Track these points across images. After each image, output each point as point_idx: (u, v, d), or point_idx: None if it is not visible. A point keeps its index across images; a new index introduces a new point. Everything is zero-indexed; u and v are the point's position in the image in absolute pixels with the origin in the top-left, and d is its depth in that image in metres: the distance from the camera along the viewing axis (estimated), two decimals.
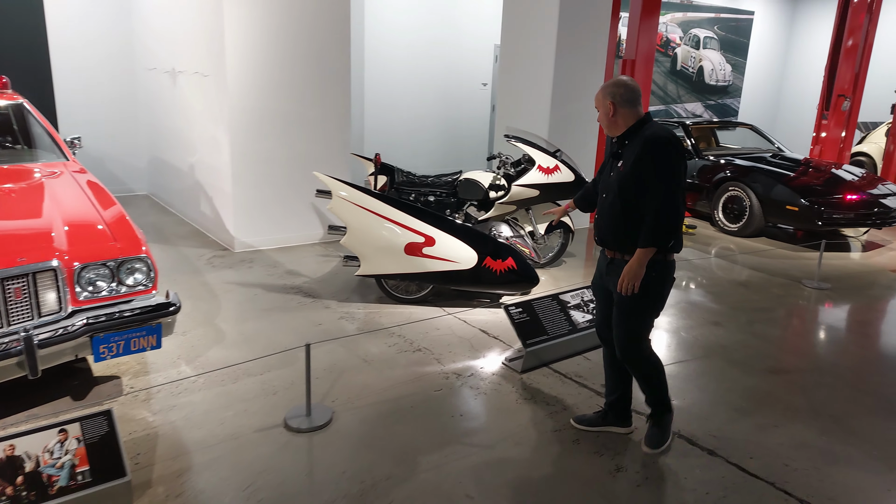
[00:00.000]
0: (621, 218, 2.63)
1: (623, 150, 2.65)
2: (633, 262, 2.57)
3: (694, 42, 13.60)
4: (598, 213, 2.80)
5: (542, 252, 5.62)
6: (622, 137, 2.66)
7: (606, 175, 2.76)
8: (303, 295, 4.71)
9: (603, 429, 3.03)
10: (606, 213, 2.71)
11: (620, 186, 2.60)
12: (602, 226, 2.75)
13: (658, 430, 2.91)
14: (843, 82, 8.61)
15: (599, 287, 2.91)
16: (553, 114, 6.66)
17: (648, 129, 2.58)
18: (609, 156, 2.77)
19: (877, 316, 4.93)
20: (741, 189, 7.07)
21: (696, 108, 14.09)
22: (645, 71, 7.36)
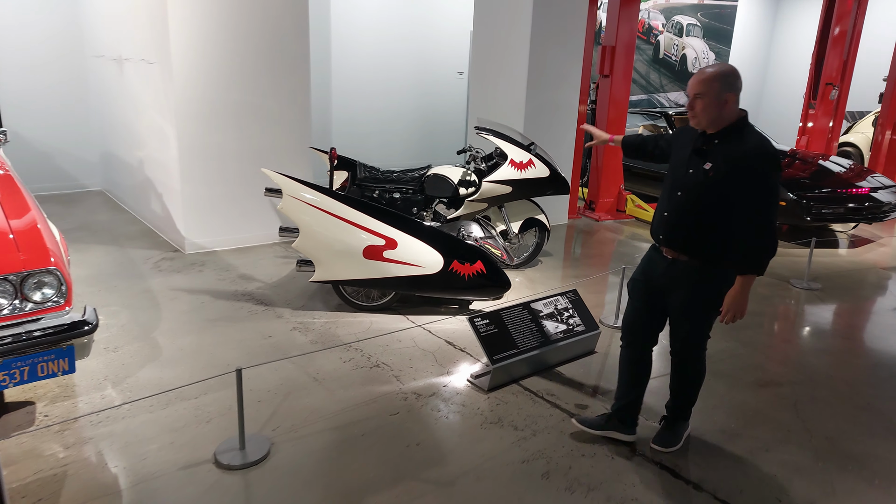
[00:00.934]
0: (697, 222, 2.44)
1: (711, 149, 2.42)
2: (738, 294, 2.41)
3: (677, 29, 13.28)
4: (664, 208, 2.57)
5: (515, 252, 5.28)
6: (713, 135, 2.42)
7: (682, 171, 2.50)
8: (255, 302, 4.32)
9: (604, 433, 2.83)
10: (679, 213, 2.50)
11: (705, 191, 2.40)
12: (671, 225, 2.53)
13: (671, 434, 2.81)
14: (831, 70, 8.34)
15: (643, 284, 2.71)
16: (529, 104, 6.29)
17: (753, 137, 2.36)
18: (689, 148, 2.49)
19: (869, 319, 4.65)
20: None
21: (679, 98, 13.80)
22: (625, 59, 7.02)
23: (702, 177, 2.41)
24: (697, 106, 2.39)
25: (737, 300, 2.41)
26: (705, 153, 2.42)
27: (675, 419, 2.83)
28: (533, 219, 5.16)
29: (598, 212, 7.39)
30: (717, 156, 2.38)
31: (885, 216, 6.28)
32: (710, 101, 2.36)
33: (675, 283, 2.55)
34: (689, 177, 2.46)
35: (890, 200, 6.31)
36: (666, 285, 2.59)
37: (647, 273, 2.69)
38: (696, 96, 2.38)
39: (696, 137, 2.48)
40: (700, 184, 2.42)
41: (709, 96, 2.35)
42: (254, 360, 3.50)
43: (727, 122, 2.39)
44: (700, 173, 2.41)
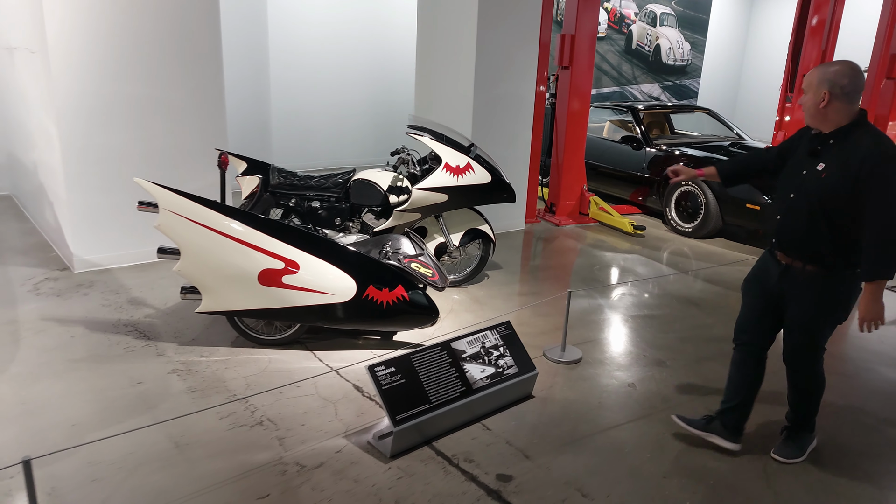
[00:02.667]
0: (811, 226, 2.38)
1: (825, 149, 2.36)
2: (869, 301, 2.34)
3: (650, 18, 12.71)
4: (776, 213, 2.53)
5: (458, 267, 4.65)
6: (827, 136, 2.36)
7: (795, 173, 2.45)
8: (136, 335, 3.64)
9: (705, 434, 2.76)
10: (792, 216, 2.44)
11: (821, 195, 2.33)
12: (785, 229, 2.48)
13: (794, 445, 2.75)
14: (809, 61, 7.80)
15: (756, 285, 2.67)
16: (478, 98, 5.65)
17: (870, 138, 2.27)
18: (802, 150, 2.45)
19: (850, 344, 4.10)
20: (695, 184, 6.20)
21: (652, 90, 13.25)
22: (587, 48, 6.40)
23: (815, 179, 2.35)
24: (804, 103, 2.37)
25: (870, 307, 2.34)
26: (819, 154, 2.37)
27: (798, 430, 2.76)
28: (475, 229, 4.53)
29: (559, 215, 6.79)
30: (832, 156, 2.33)
31: None
32: (811, 97, 2.33)
33: (791, 290, 2.51)
34: (802, 178, 2.40)
35: None
36: (781, 292, 2.54)
37: (762, 276, 2.64)
38: (804, 92, 2.37)
39: (812, 138, 2.43)
40: (813, 186, 2.35)
41: (811, 93, 2.33)
42: (108, 417, 2.83)
43: (842, 121, 2.32)
44: (813, 175, 2.36)
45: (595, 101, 12.26)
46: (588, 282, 4.99)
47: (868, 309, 2.35)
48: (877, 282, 2.32)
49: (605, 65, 12.37)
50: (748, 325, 2.70)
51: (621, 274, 5.19)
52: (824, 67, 2.32)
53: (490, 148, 5.85)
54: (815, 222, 2.37)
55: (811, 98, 2.35)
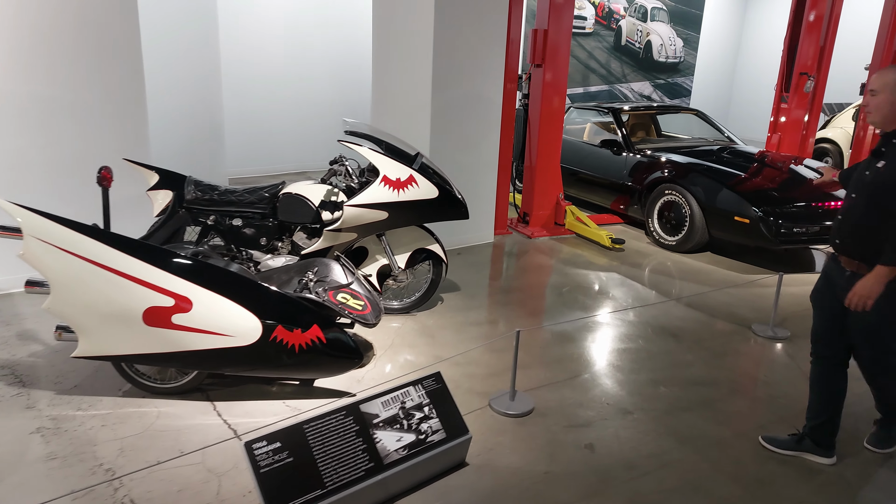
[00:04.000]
0: (869, 224, 2.41)
1: (888, 148, 2.39)
2: (869, 278, 2.37)
3: (640, 13, 12.15)
4: (841, 211, 2.54)
5: (405, 291, 4.11)
6: (890, 134, 2.40)
7: (860, 172, 2.49)
8: (10, 380, 3.09)
9: (796, 454, 2.76)
10: (853, 217, 2.47)
11: (876, 190, 2.37)
12: (845, 230, 2.50)
13: (886, 434, 2.78)
14: (806, 59, 7.26)
15: (822, 295, 2.68)
16: (436, 99, 5.09)
17: None
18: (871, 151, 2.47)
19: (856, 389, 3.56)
20: (679, 194, 5.65)
21: (644, 88, 12.70)
22: (562, 44, 5.84)
23: (874, 175, 2.38)
24: (872, 102, 2.40)
25: (866, 286, 2.36)
26: (881, 153, 2.40)
27: (890, 420, 2.75)
28: (424, 249, 3.99)
29: (533, 226, 6.24)
30: (893, 155, 2.35)
31: None
32: (886, 98, 2.35)
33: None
34: (864, 178, 2.43)
35: None
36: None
37: (829, 284, 2.63)
38: (872, 92, 2.39)
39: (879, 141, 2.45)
40: (872, 183, 2.38)
41: (885, 93, 2.35)
42: None
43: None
44: (874, 172, 2.39)
45: (583, 100, 11.70)
46: (555, 308, 4.44)
47: (866, 286, 2.36)
48: (888, 268, 2.32)
49: (593, 62, 11.81)
50: (824, 336, 2.67)
51: (593, 298, 4.65)
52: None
53: (452, 154, 5.30)
54: (870, 220, 2.38)
55: (887, 98, 2.35)
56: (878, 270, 2.34)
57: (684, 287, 4.89)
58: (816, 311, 2.72)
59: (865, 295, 2.37)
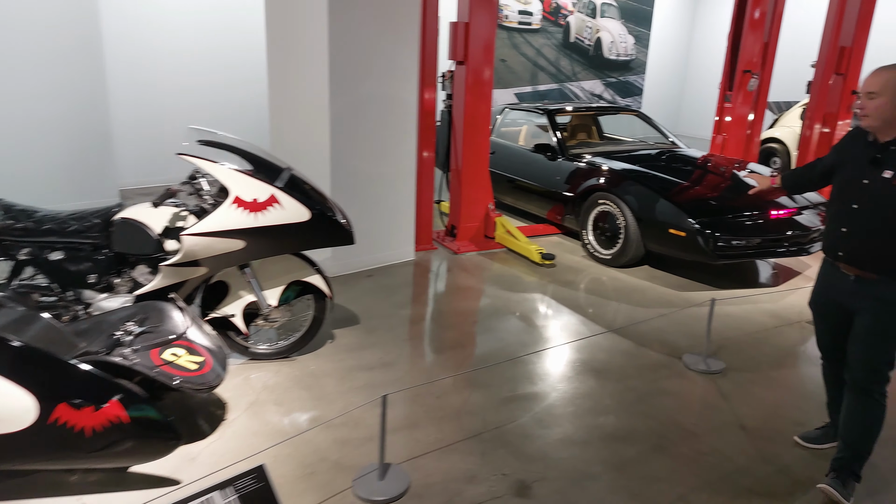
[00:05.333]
0: (885, 236, 2.31)
1: (887, 156, 2.28)
2: None
3: (590, 9, 11.71)
4: (840, 223, 2.43)
5: (281, 334, 3.50)
6: (889, 142, 2.29)
7: (856, 182, 2.37)
8: None
9: (831, 446, 2.77)
10: (864, 229, 2.36)
11: (890, 201, 2.26)
12: (852, 243, 2.40)
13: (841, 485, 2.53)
14: (750, 56, 6.86)
15: (825, 304, 2.62)
16: (336, 102, 4.48)
17: None
18: (862, 158, 2.36)
19: (783, 445, 3.08)
20: (613, 203, 5.16)
21: (595, 87, 12.28)
22: (485, 38, 5.28)
23: (885, 187, 2.28)
24: (870, 106, 2.29)
25: None
26: (882, 162, 2.30)
27: (845, 474, 2.55)
28: (301, 282, 3.39)
29: (460, 240, 5.68)
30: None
31: (810, 246, 4.78)
32: (887, 101, 2.24)
33: (864, 302, 2.41)
34: (866, 188, 2.34)
35: (815, 224, 4.82)
36: (856, 304, 2.44)
37: (830, 290, 2.58)
38: (870, 95, 2.28)
39: (868, 146, 2.36)
40: (882, 195, 2.29)
41: (885, 96, 2.24)
42: None
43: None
44: (879, 183, 2.30)
45: (532, 99, 11.21)
46: (465, 344, 3.89)
47: None
48: None
49: (542, 60, 11.33)
50: (829, 342, 2.68)
51: (511, 330, 4.11)
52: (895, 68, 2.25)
53: (360, 164, 4.70)
54: (891, 231, 2.30)
55: (887, 101, 2.24)
56: None
57: (616, 310, 4.39)
58: (818, 319, 2.70)
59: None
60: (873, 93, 2.25)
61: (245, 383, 3.24)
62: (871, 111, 2.27)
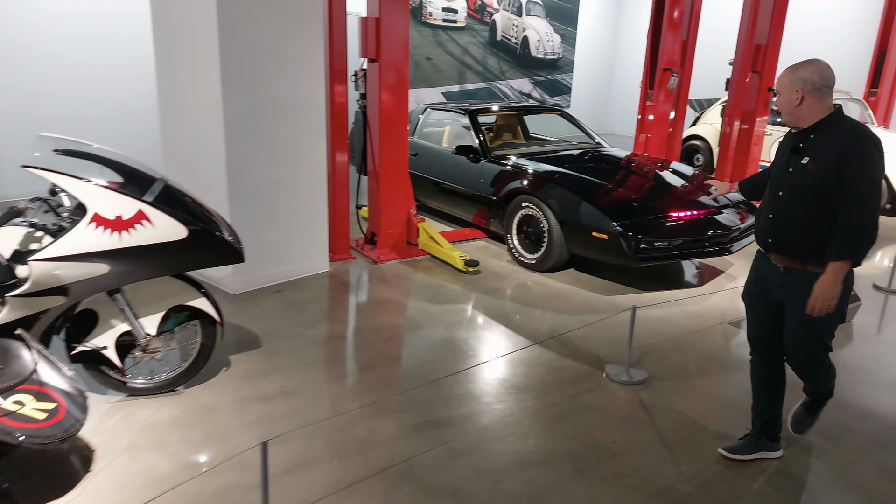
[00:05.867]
0: (804, 222, 2.38)
1: (807, 144, 2.39)
2: (828, 280, 2.32)
3: (515, 7, 11.63)
4: (768, 210, 2.51)
5: (166, 363, 3.12)
6: (807, 131, 2.40)
7: (782, 170, 2.48)
8: None
9: (756, 456, 2.75)
10: (782, 214, 2.45)
11: (808, 187, 2.35)
12: (777, 229, 2.47)
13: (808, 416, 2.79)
14: (670, 54, 6.89)
15: (757, 295, 2.64)
16: (230, 104, 4.09)
17: (846, 126, 2.32)
18: (787, 148, 2.48)
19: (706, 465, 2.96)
20: (537, 206, 4.99)
21: (523, 85, 12.22)
22: (399, 34, 5.01)
23: (802, 173, 2.38)
24: (777, 103, 2.46)
25: (828, 287, 2.32)
26: (802, 150, 2.40)
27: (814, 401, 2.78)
28: (184, 307, 3.02)
29: (380, 248, 5.39)
30: (815, 149, 2.36)
31: (731, 246, 4.75)
32: (785, 97, 2.40)
33: (794, 294, 2.45)
34: (790, 175, 2.44)
35: (735, 223, 4.79)
36: (785, 297, 2.50)
37: (761, 283, 2.62)
38: (775, 94, 2.45)
39: (792, 136, 2.48)
40: (801, 180, 2.38)
41: (784, 93, 2.39)
42: None
43: (818, 115, 2.36)
44: (800, 170, 2.39)
45: (460, 99, 11.02)
46: (377, 367, 3.61)
47: (826, 288, 2.33)
48: (839, 263, 2.31)
49: (469, 58, 11.16)
50: (760, 335, 2.69)
51: (428, 346, 3.86)
52: (793, 68, 2.38)
53: (263, 171, 4.34)
54: (810, 217, 2.38)
55: (785, 98, 2.40)
56: (833, 268, 2.32)
57: (540, 319, 4.21)
58: (751, 311, 2.71)
59: (828, 296, 2.34)
60: (777, 92, 2.46)
61: (120, 424, 2.85)
62: (779, 108, 2.46)
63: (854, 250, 2.29)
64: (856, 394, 3.36)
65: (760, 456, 2.74)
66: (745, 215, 4.90)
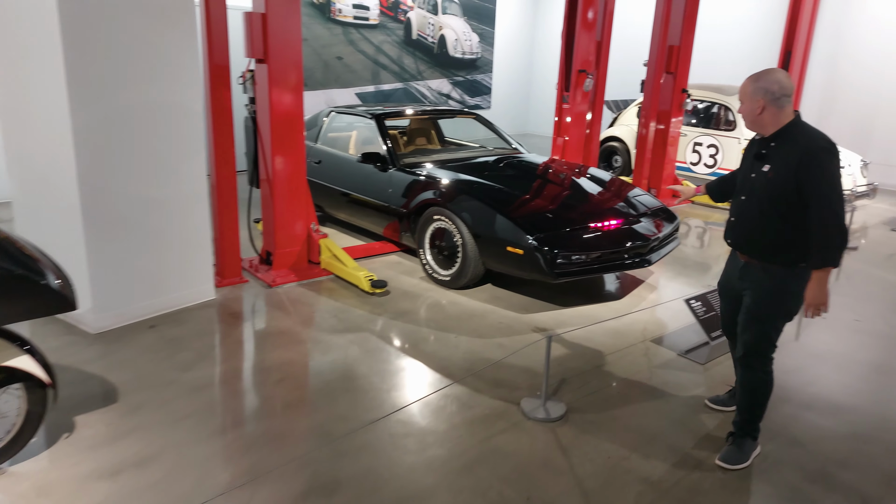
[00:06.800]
0: (764, 225, 2.53)
1: (769, 151, 2.52)
2: (815, 288, 2.45)
3: (430, 6, 11.26)
4: (732, 213, 2.70)
5: None
6: (769, 139, 2.52)
7: (746, 177, 2.62)
8: None
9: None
10: (745, 217, 2.61)
11: (770, 194, 2.48)
12: (739, 229, 2.65)
13: (736, 450, 2.78)
14: (585, 55, 6.69)
15: (726, 286, 2.87)
16: (79, 114, 3.46)
17: (805, 135, 2.44)
18: (749, 154, 2.62)
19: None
20: (449, 219, 4.62)
21: (442, 86, 11.89)
22: (289, 31, 4.49)
23: (763, 180, 2.50)
24: (741, 112, 2.55)
25: (816, 294, 2.45)
26: (764, 157, 2.51)
27: (742, 436, 2.80)
28: (3, 368, 2.42)
29: (276, 269, 4.86)
30: (776, 157, 2.47)
31: (651, 256, 4.54)
32: (748, 106, 2.51)
33: (748, 285, 2.64)
34: (752, 181, 2.56)
35: (652, 232, 4.59)
36: (742, 288, 2.68)
37: (729, 275, 2.80)
38: (741, 102, 2.54)
39: (756, 144, 2.60)
40: (761, 186, 2.50)
41: (747, 102, 2.50)
42: None
43: (780, 123, 2.47)
44: (761, 176, 2.51)
45: (375, 100, 10.54)
46: (255, 418, 3.11)
47: (815, 295, 2.45)
48: (822, 270, 2.42)
49: (383, 58, 10.70)
50: (729, 322, 2.87)
51: (322, 388, 3.40)
52: (755, 77, 2.47)
53: (129, 190, 3.74)
54: (768, 221, 2.50)
55: (748, 107, 2.51)
56: (818, 276, 2.44)
57: (453, 346, 3.83)
58: (721, 300, 2.93)
59: (818, 302, 2.45)
60: (740, 100, 2.54)
61: None
62: (743, 116, 2.54)
63: (832, 255, 2.39)
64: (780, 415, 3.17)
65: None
66: (662, 224, 4.71)
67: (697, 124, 8.33)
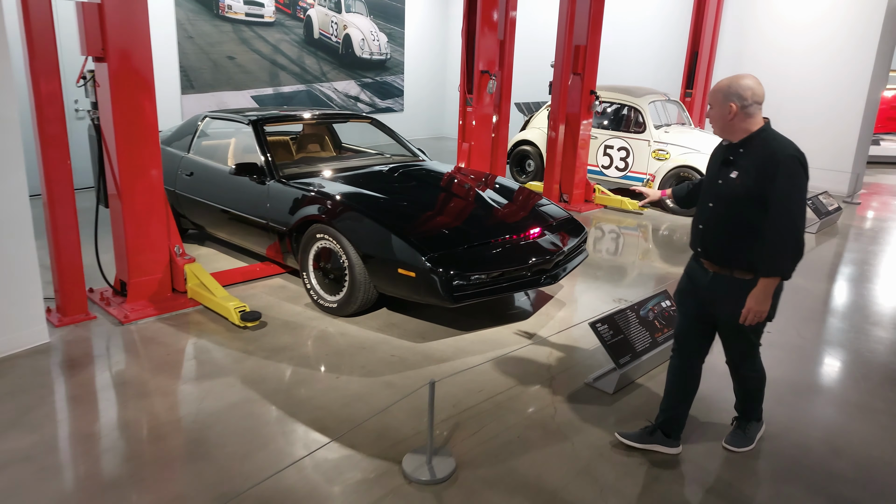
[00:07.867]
0: (732, 232, 2.49)
1: (737, 157, 2.48)
2: (759, 294, 2.42)
3: (333, 3, 10.64)
4: (699, 220, 2.64)
5: None
6: (737, 145, 2.48)
7: (713, 183, 2.58)
8: None
9: (648, 447, 2.82)
10: (712, 224, 2.57)
11: (735, 200, 2.46)
12: (705, 237, 2.60)
13: (742, 434, 2.89)
14: (489, 55, 6.32)
15: (687, 294, 2.75)
16: None
17: (774, 142, 2.40)
18: (717, 160, 2.59)
19: None
20: (334, 239, 4.08)
21: (349, 88, 11.29)
22: (131, 23, 3.81)
23: (730, 186, 2.47)
24: (710, 116, 2.52)
25: (758, 301, 2.42)
26: (732, 163, 2.48)
27: (747, 420, 2.91)
28: None
29: (132, 302, 4.15)
30: (743, 163, 2.44)
31: (557, 273, 4.18)
32: (718, 111, 2.46)
33: (722, 297, 2.58)
34: (719, 187, 2.52)
35: (557, 246, 4.22)
36: (712, 299, 2.62)
37: (692, 283, 2.72)
38: (709, 106, 2.53)
39: (723, 149, 2.57)
40: (729, 193, 2.47)
41: (717, 107, 2.46)
42: None
43: (749, 129, 2.44)
44: (728, 182, 2.48)
45: (275, 103, 9.81)
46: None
47: (757, 301, 2.42)
48: (769, 279, 2.39)
49: (282, 58, 9.99)
50: (686, 334, 2.77)
51: (160, 460, 2.78)
52: (726, 83, 2.43)
53: None
54: (737, 228, 2.47)
55: (718, 111, 2.47)
56: (764, 283, 2.40)
57: (332, 391, 3.29)
58: (680, 311, 2.79)
59: (759, 308, 2.42)
60: (710, 105, 2.50)
61: None
62: (712, 121, 2.51)
63: (783, 265, 2.35)
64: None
65: (654, 448, 2.80)
66: (567, 237, 4.36)
67: (608, 127, 8.17)
